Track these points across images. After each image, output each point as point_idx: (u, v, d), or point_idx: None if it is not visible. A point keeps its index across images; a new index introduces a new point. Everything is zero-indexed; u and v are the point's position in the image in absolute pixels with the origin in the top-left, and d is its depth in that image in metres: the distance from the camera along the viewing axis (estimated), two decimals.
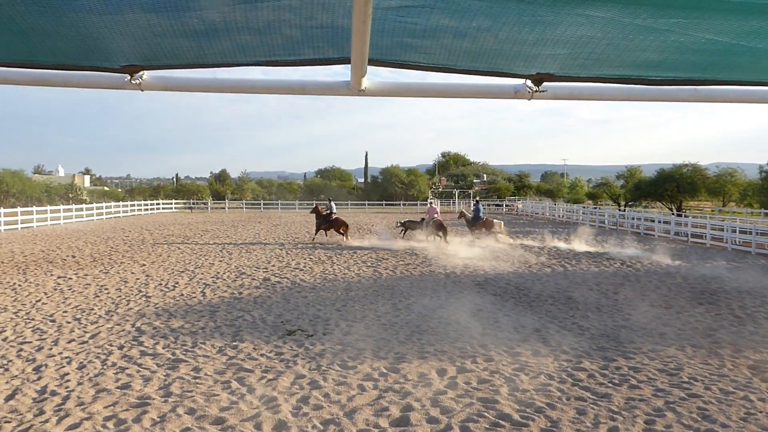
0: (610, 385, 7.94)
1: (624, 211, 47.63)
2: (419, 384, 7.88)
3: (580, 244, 26.64)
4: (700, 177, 46.72)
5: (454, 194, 70.84)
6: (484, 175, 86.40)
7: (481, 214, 28.34)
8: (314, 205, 29.09)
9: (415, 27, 1.55)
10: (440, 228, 26.22)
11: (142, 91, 1.90)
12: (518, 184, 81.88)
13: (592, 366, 8.72)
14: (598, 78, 1.96)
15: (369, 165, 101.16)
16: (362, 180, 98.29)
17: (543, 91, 1.95)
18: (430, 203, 28.25)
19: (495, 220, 28.36)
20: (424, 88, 1.99)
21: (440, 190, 79.44)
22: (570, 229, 35.43)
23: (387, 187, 79.65)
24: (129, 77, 1.85)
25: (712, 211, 48.52)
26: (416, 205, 68.28)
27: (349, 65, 1.72)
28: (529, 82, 1.95)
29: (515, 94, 1.99)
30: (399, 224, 29.00)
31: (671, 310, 12.69)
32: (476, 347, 9.59)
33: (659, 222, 33.87)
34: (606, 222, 39.97)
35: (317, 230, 27.86)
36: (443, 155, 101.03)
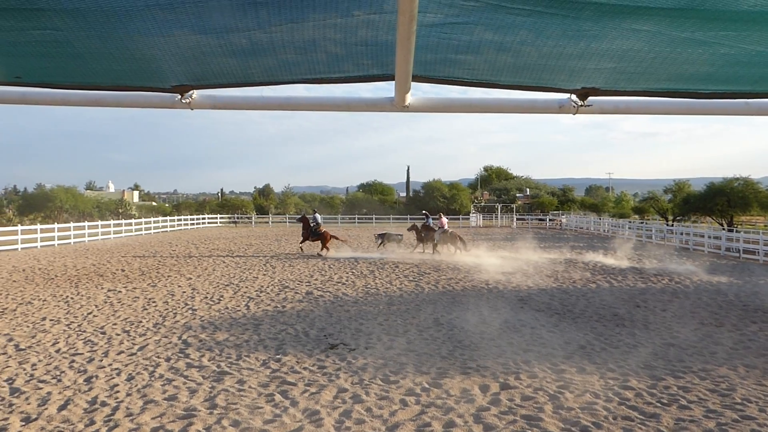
0: (659, 404, 7.73)
1: (672, 225, 46.43)
2: (462, 400, 7.81)
3: (625, 259, 26.09)
4: (752, 191, 45.19)
5: (497, 208, 70.26)
6: (527, 189, 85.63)
7: (431, 227, 29.00)
8: (301, 216, 29.72)
9: (459, 43, 1.56)
10: (457, 238, 27.25)
11: (192, 109, 1.96)
12: (562, 198, 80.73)
13: (639, 385, 8.50)
14: (645, 92, 1.93)
15: (411, 179, 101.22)
16: (404, 194, 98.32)
17: (588, 106, 1.93)
18: (440, 215, 28.84)
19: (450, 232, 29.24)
20: (468, 103, 1.99)
21: (482, 204, 78.93)
22: (615, 243, 34.72)
23: (429, 201, 79.45)
24: (179, 96, 1.91)
25: (766, 226, 46.93)
26: (458, 219, 67.91)
27: (393, 82, 1.75)
28: (573, 97, 1.93)
29: (560, 108, 1.97)
30: (377, 237, 29.84)
31: (722, 329, 12.30)
32: (519, 363, 9.46)
33: (709, 237, 32.92)
34: (653, 237, 39.04)
35: (303, 240, 28.46)
36: (485, 169, 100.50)
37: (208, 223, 61.68)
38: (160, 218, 53.21)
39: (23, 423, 6.92)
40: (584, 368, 9.26)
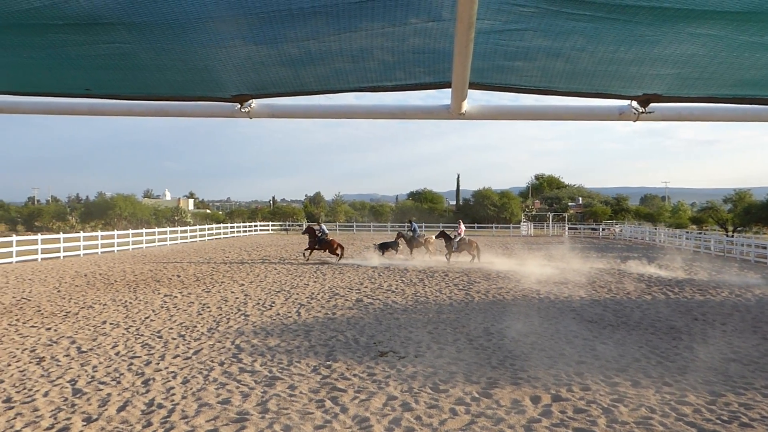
0: (719, 421, 7.45)
1: (732, 236, 44.82)
2: (512, 411, 7.70)
3: (682, 270, 25.32)
4: None
5: (548, 217, 69.26)
6: (580, 198, 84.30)
7: (418, 233, 30.42)
8: (306, 227, 30.85)
9: (516, 49, 1.56)
10: (474, 246, 28.03)
11: (251, 118, 2.01)
12: (616, 207, 79.07)
13: (697, 400, 8.22)
14: (709, 98, 1.87)
15: (461, 187, 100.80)
16: (454, 202, 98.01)
17: (650, 113, 1.88)
18: (459, 223, 29.83)
19: (431, 237, 30.57)
20: (526, 110, 1.96)
21: (533, 213, 77.99)
22: (672, 255, 33.75)
23: (479, 210, 78.98)
24: (239, 106, 1.96)
25: None
26: (509, 227, 67.20)
27: (449, 89, 1.75)
28: (634, 103, 1.89)
29: (620, 115, 1.93)
30: (375, 247, 31.57)
31: None
32: (572, 375, 9.28)
33: None
34: (712, 248, 37.77)
35: (310, 250, 29.11)
36: (537, 177, 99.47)
37: (261, 230, 62.73)
38: (214, 225, 54.42)
39: (84, 423, 7.16)
40: (639, 381, 9.01)
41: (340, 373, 9.34)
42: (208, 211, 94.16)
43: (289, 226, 69.28)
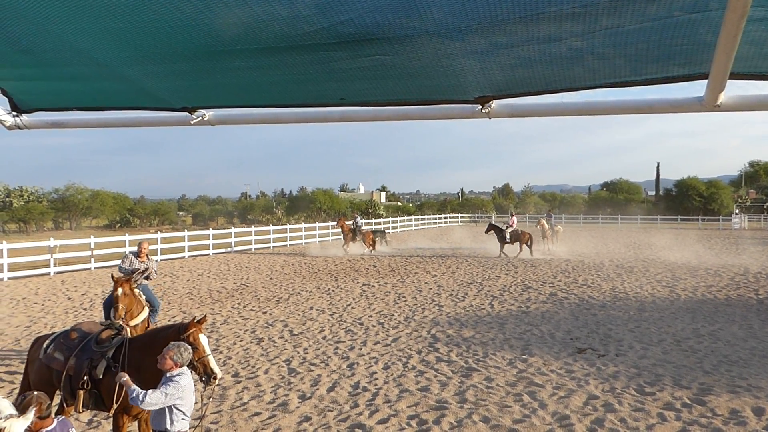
0: None
1: None
2: (731, 421, 7.08)
3: None
4: None
5: (766, 209, 62.06)
6: None
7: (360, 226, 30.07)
8: (338, 221, 32.43)
9: None
10: (528, 237, 26.97)
11: (490, 119, 2.07)
12: None
13: None
14: None
15: (661, 177, 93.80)
16: (653, 193, 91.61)
17: None
18: (511, 214, 29.45)
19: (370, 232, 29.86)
20: None
21: (748, 204, 70.44)
22: None
23: (683, 201, 72.98)
24: (480, 107, 2.02)
25: None
26: (718, 220, 61.35)
27: (704, 81, 1.66)
28: None
29: None
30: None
31: None
32: None
33: None
34: None
35: (347, 243, 30.12)
36: (751, 165, 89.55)
37: (450, 222, 63.56)
38: (406, 218, 56.18)
39: (300, 400, 7.82)
40: None
41: (537, 368, 9.22)
42: (399, 203, 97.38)
43: (478, 218, 69.47)
